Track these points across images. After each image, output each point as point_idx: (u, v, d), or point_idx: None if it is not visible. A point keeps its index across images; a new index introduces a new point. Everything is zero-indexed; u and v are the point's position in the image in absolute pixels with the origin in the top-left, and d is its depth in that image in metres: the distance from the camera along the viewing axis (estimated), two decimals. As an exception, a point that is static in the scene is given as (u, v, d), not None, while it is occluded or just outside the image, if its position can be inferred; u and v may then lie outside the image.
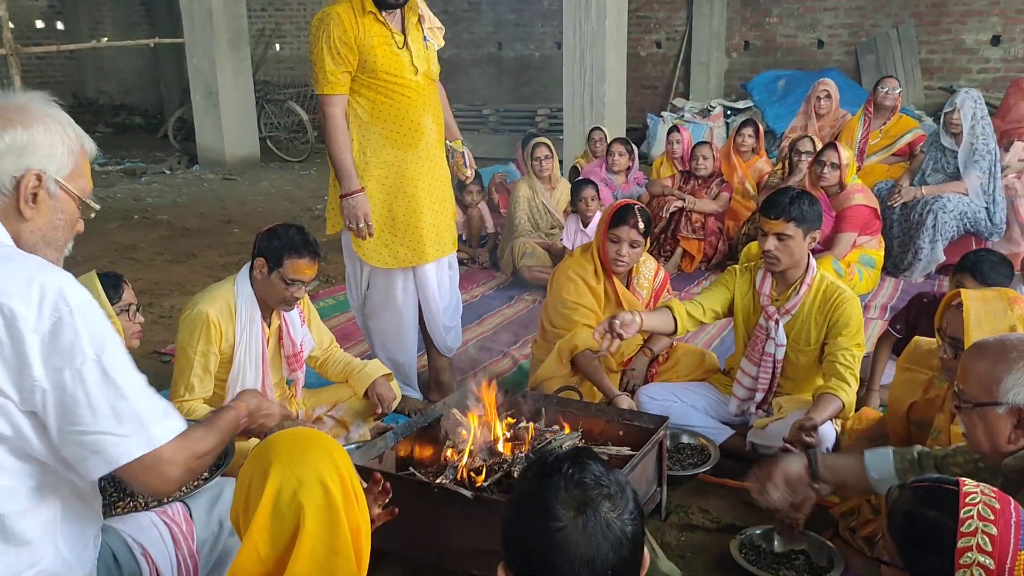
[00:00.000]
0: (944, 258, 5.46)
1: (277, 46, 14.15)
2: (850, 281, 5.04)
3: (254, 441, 2.94)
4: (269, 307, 3.09)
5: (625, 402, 3.22)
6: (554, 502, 1.26)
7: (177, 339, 3.06)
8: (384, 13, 3.33)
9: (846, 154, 5.17)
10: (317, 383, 3.53)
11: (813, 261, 3.17)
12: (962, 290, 2.39)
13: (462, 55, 13.44)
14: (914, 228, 5.48)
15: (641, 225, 3.41)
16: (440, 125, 3.58)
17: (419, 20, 3.44)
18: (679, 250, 5.83)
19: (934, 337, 3.53)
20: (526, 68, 13.00)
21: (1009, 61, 10.12)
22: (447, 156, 3.64)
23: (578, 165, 7.10)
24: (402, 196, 3.45)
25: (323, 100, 3.36)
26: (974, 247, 5.53)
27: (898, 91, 6.27)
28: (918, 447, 2.23)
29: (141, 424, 1.56)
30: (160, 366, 4.28)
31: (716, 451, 3.15)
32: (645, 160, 9.77)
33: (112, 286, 2.86)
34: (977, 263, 3.23)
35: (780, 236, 3.05)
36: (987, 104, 6.10)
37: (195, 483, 2.13)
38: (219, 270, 6.07)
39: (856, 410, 3.11)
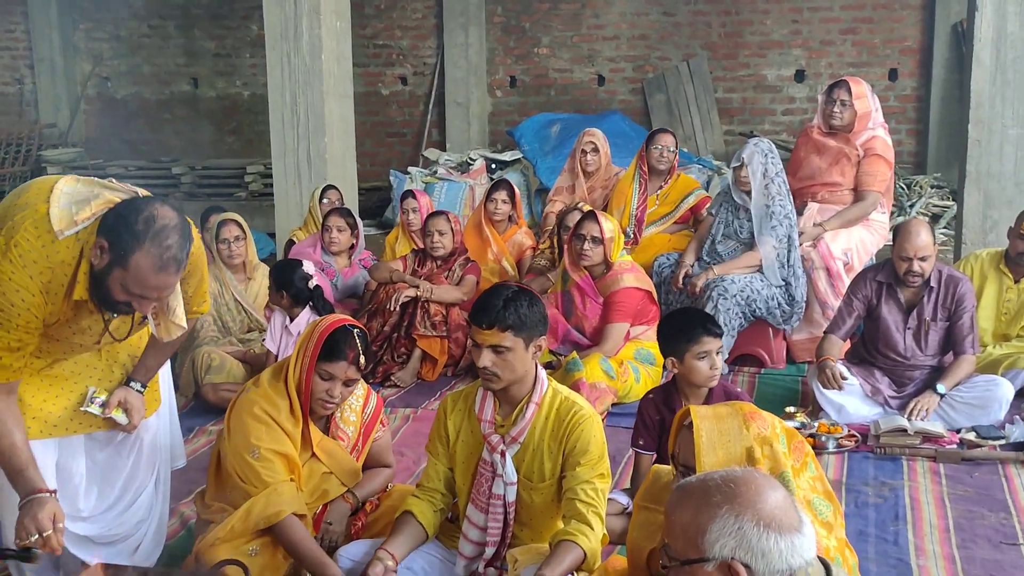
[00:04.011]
0: (728, 352, 5.80)
1: None
2: (624, 383, 5.34)
3: None
4: None
5: None
6: None
7: None
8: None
9: (609, 225, 5.50)
10: None
11: (543, 373, 3.34)
12: (692, 407, 2.59)
13: (143, 94, 13.22)
14: (698, 313, 5.88)
15: (363, 360, 3.48)
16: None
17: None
18: (417, 352, 5.94)
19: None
20: (232, 112, 12.97)
21: (816, 100, 11.26)
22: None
23: (295, 239, 7.11)
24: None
25: None
26: (771, 335, 6.05)
27: (673, 149, 6.78)
28: None
29: None
30: None
31: (436, 627, 3.20)
32: (389, 230, 9.95)
33: None
34: (705, 320, 3.94)
35: (496, 349, 3.18)
36: (788, 153, 6.68)
37: None
38: None
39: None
